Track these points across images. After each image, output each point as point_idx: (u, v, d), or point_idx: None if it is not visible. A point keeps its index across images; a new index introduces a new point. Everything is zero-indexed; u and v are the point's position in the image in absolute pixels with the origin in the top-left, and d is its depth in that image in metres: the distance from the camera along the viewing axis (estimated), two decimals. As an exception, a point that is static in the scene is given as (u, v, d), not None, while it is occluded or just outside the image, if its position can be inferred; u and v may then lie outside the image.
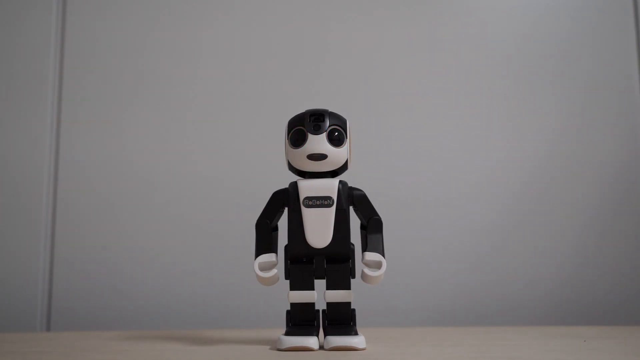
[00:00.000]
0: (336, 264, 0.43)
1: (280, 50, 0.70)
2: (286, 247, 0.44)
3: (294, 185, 0.44)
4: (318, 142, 0.43)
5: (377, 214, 0.45)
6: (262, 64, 0.70)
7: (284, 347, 0.42)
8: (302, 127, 0.44)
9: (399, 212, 0.66)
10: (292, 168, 0.45)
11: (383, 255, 0.44)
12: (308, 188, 0.44)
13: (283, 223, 0.45)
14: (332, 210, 0.43)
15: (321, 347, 0.43)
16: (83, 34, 0.71)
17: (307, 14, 0.71)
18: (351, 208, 0.45)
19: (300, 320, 0.44)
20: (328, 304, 0.44)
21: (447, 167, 0.68)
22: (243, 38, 0.70)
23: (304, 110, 0.45)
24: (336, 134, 0.44)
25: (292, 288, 0.44)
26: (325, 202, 0.43)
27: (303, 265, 0.44)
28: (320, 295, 0.44)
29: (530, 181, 0.68)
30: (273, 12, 0.71)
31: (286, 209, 0.44)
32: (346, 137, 0.44)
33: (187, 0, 0.71)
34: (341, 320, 0.44)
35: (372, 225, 0.45)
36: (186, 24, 0.71)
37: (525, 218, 0.67)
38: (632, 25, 0.71)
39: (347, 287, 0.44)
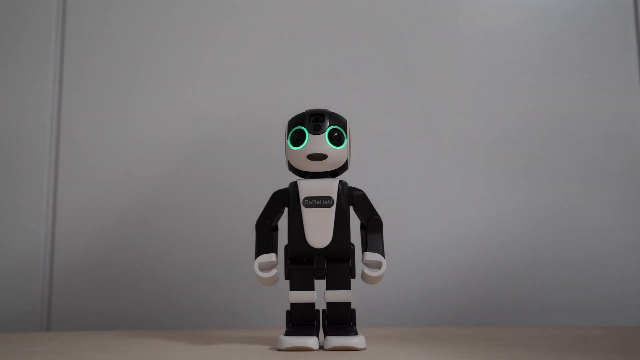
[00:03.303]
0: (336, 264, 0.44)
1: (279, 50, 0.70)
2: (286, 247, 0.44)
3: (294, 185, 0.44)
4: (318, 142, 0.44)
5: (377, 214, 0.45)
6: (262, 63, 0.70)
7: (284, 347, 0.42)
8: (302, 127, 0.44)
9: (398, 212, 0.66)
10: (292, 168, 0.45)
11: (383, 255, 0.44)
12: (308, 188, 0.44)
13: (283, 223, 0.45)
14: (332, 210, 0.43)
15: (321, 347, 0.43)
16: (84, 28, 0.71)
17: (308, 12, 0.71)
18: (351, 208, 0.45)
19: (300, 320, 0.44)
20: (328, 304, 0.44)
21: (447, 167, 0.68)
22: (243, 36, 0.70)
23: (303, 110, 0.45)
24: (336, 134, 0.44)
25: (292, 288, 0.44)
26: (325, 202, 0.43)
27: (303, 265, 0.44)
28: (320, 295, 0.44)
29: (531, 181, 0.68)
30: (274, 10, 0.71)
31: (286, 209, 0.45)
32: (346, 137, 0.44)
33: None
34: (341, 320, 0.44)
35: (372, 225, 0.45)
36: (187, 23, 0.71)
37: (525, 217, 0.67)
38: (632, 25, 0.71)
39: (347, 287, 0.44)
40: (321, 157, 0.43)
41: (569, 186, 0.68)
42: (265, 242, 0.44)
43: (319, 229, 0.43)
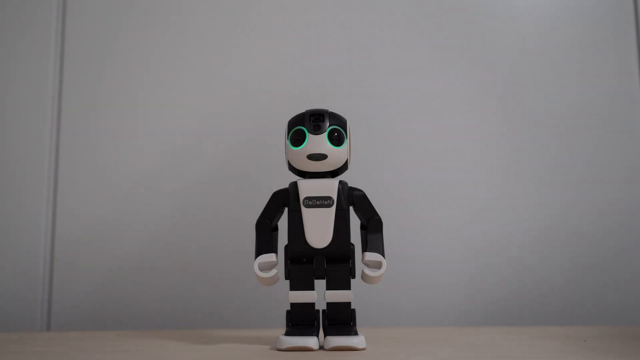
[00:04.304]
0: (336, 264, 0.43)
1: (280, 50, 0.70)
2: (286, 247, 0.44)
3: (294, 185, 0.44)
4: (318, 142, 0.44)
5: (377, 214, 0.45)
6: (262, 64, 0.70)
7: (284, 347, 0.42)
8: (302, 127, 0.44)
9: (398, 212, 0.66)
10: (292, 168, 0.45)
11: (383, 255, 0.44)
12: (308, 188, 0.44)
13: (283, 223, 0.45)
14: (332, 210, 0.43)
15: (321, 347, 0.43)
16: (84, 28, 0.71)
17: (309, 12, 0.71)
18: (351, 208, 0.45)
19: (300, 320, 0.44)
20: (328, 304, 0.44)
21: (448, 167, 0.68)
22: (244, 37, 0.70)
23: (304, 110, 0.45)
24: (336, 134, 0.44)
25: (292, 288, 0.44)
26: (325, 202, 0.43)
27: (303, 265, 0.44)
28: (320, 295, 0.44)
29: (532, 182, 0.68)
30: (275, 11, 0.71)
31: (286, 209, 0.44)
32: (346, 137, 0.44)
33: None
34: (341, 320, 0.44)
35: (372, 225, 0.45)
36: (188, 23, 0.71)
37: (525, 217, 0.67)
38: (632, 26, 0.71)
39: (347, 287, 0.44)
40: (321, 157, 0.43)
41: (567, 187, 0.68)
42: (265, 242, 0.44)
43: (319, 229, 0.43)
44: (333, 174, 0.45)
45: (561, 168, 0.68)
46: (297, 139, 0.44)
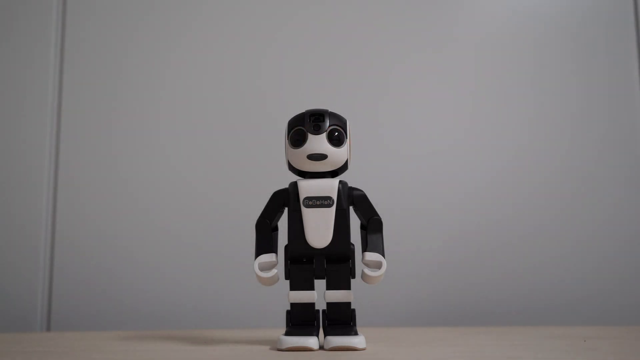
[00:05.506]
0: (336, 264, 0.43)
1: (280, 50, 0.70)
2: (286, 247, 0.44)
3: (294, 185, 0.44)
4: (318, 142, 0.43)
5: (377, 214, 0.45)
6: (261, 64, 0.70)
7: (284, 347, 0.42)
8: (302, 127, 0.44)
9: (399, 212, 0.66)
10: (292, 168, 0.45)
11: (383, 255, 0.44)
12: (308, 188, 0.44)
13: (283, 223, 0.45)
14: (332, 210, 0.43)
15: (321, 347, 0.43)
16: (83, 29, 0.71)
17: (307, 13, 0.71)
18: (351, 208, 0.45)
19: (300, 320, 0.44)
20: (328, 304, 0.44)
21: (447, 167, 0.68)
22: (243, 37, 0.70)
23: (304, 110, 0.45)
24: (336, 134, 0.44)
25: (292, 288, 0.44)
26: (325, 202, 0.43)
27: (303, 265, 0.44)
28: (320, 295, 0.44)
29: (529, 181, 0.68)
30: (273, 11, 0.71)
31: (286, 209, 0.44)
32: (346, 137, 0.44)
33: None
34: (341, 320, 0.44)
35: (372, 225, 0.45)
36: (188, 23, 0.71)
37: (525, 218, 0.67)
38: (632, 26, 0.71)
39: (347, 287, 0.44)
40: (321, 157, 0.43)
41: (568, 187, 0.68)
42: (265, 242, 0.44)
43: (319, 229, 0.43)
44: (333, 174, 0.45)
45: (562, 168, 0.68)
46: (297, 139, 0.44)
